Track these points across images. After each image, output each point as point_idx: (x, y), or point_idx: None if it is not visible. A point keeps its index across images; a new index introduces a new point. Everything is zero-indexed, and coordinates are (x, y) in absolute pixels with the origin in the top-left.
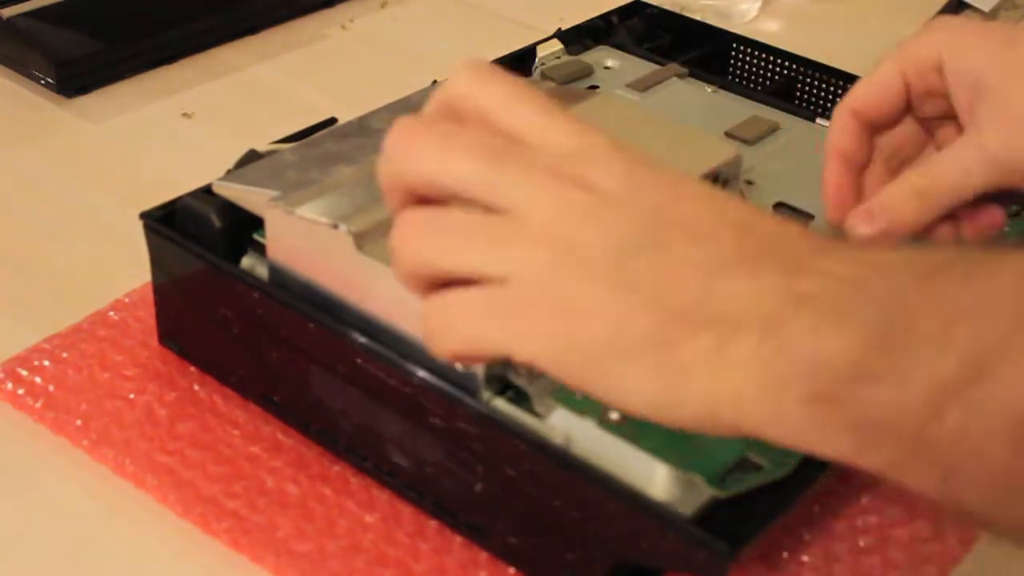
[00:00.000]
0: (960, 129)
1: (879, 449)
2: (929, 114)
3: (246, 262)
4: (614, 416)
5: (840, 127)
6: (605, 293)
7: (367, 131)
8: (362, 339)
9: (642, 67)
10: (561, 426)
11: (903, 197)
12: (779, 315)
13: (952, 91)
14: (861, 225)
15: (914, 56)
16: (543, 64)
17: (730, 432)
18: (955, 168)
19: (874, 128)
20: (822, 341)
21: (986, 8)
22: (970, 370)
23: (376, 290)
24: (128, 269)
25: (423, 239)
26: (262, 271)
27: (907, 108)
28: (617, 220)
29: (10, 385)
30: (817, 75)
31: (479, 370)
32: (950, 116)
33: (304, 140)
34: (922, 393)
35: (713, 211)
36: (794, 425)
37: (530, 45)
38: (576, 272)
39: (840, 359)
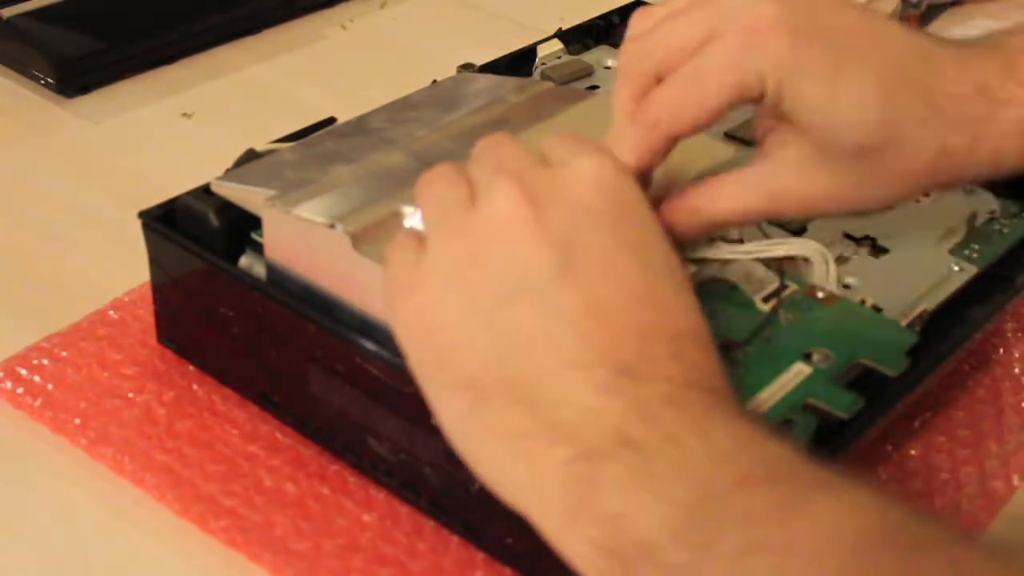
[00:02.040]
0: None
1: None
2: None
3: (244, 261)
4: None
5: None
6: (465, 321)
7: (366, 131)
8: (360, 339)
9: None
10: None
11: (680, 216)
12: (600, 449)
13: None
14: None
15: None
16: (543, 64)
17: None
18: (732, 202)
19: None
20: (628, 502)
21: None
22: None
23: (373, 290)
24: (128, 268)
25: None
26: (260, 270)
27: None
28: (519, 258)
29: (9, 384)
30: None
31: None
32: None
33: (303, 139)
34: None
35: (621, 306)
36: (574, 554)
37: (530, 45)
38: (461, 287)
39: (638, 529)
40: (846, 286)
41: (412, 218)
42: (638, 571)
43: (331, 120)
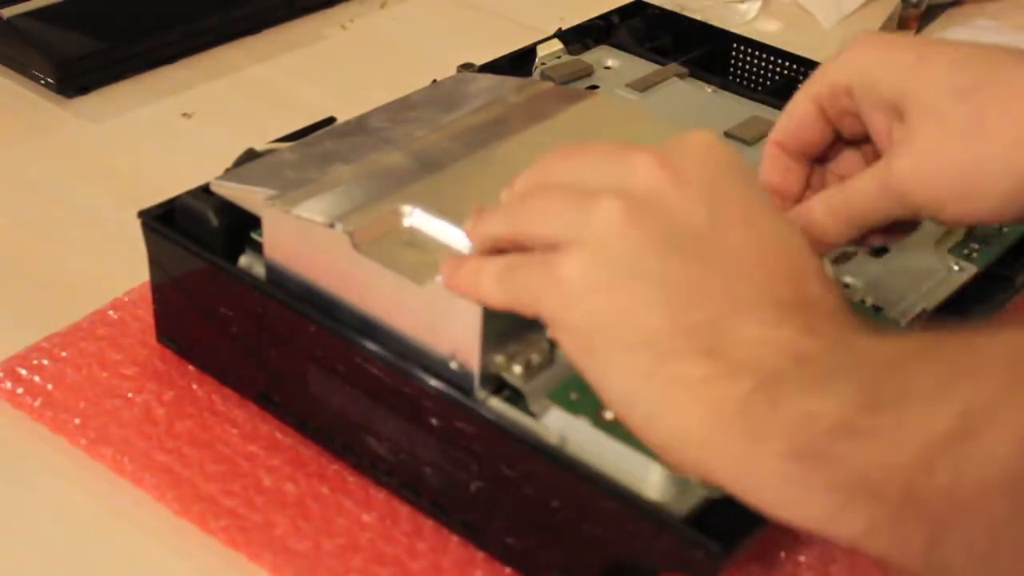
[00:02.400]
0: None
1: (860, 510)
2: (853, 135)
3: (244, 261)
4: (609, 416)
5: (768, 161)
6: (636, 281)
7: (365, 130)
8: (360, 338)
9: (642, 67)
10: (556, 426)
11: (819, 212)
12: (779, 370)
13: (864, 113)
14: None
15: (825, 80)
16: (543, 64)
17: (692, 470)
18: (860, 192)
19: (806, 156)
20: (812, 400)
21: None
22: (964, 425)
23: (373, 289)
24: (128, 268)
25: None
26: (260, 270)
27: (835, 132)
28: (676, 217)
29: (9, 384)
30: None
31: (475, 370)
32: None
33: (302, 139)
34: (913, 448)
35: (769, 251)
36: (768, 480)
37: (530, 45)
38: (621, 247)
39: (828, 417)
40: (846, 286)
41: (411, 217)
42: (834, 455)
43: (331, 120)
